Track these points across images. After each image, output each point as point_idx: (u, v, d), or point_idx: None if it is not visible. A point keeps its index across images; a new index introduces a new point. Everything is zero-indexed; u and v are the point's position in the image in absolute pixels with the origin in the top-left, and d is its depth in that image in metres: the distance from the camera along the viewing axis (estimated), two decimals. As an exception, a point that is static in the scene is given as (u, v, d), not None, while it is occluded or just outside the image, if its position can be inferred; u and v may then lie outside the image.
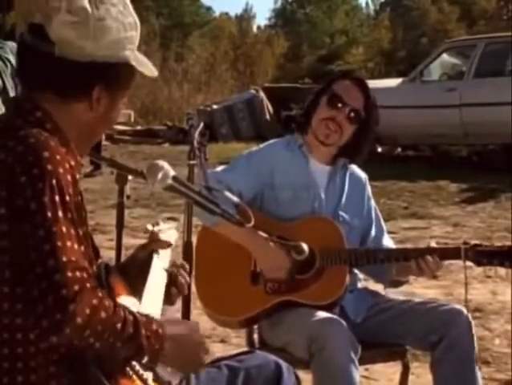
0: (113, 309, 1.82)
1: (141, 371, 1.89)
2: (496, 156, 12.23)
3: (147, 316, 1.93)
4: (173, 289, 2.29)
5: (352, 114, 3.24)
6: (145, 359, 1.88)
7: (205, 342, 2.04)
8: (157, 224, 2.39)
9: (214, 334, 4.88)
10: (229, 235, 3.13)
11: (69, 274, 1.76)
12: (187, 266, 2.36)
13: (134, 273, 2.22)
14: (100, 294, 1.82)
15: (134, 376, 1.88)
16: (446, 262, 3.18)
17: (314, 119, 3.28)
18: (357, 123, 3.25)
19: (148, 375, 1.91)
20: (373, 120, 3.30)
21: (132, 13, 2.03)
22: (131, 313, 1.87)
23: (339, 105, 3.23)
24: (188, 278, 2.33)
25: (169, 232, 2.39)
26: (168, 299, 2.28)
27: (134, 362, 1.88)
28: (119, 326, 1.81)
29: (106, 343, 1.80)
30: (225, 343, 4.80)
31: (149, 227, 2.36)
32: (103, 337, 1.79)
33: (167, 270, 2.27)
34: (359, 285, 3.35)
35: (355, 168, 3.43)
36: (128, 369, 1.87)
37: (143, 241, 2.36)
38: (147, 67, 2.06)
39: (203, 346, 2.02)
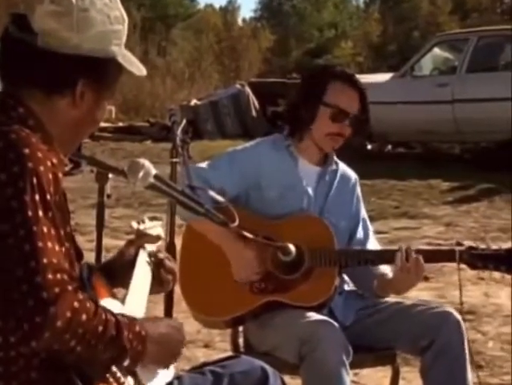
0: (94, 311, 1.83)
1: (122, 379, 1.89)
2: (489, 153, 12.27)
3: (129, 317, 1.93)
4: (163, 273, 2.30)
5: (354, 120, 3.25)
6: (127, 362, 1.89)
7: (185, 339, 2.08)
8: (143, 221, 2.39)
9: (198, 338, 4.88)
10: (205, 232, 3.14)
11: (49, 276, 1.77)
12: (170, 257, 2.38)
13: (121, 271, 2.24)
14: (81, 296, 1.83)
15: (114, 383, 1.88)
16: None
17: (317, 132, 3.27)
18: (356, 123, 3.27)
19: (129, 382, 1.91)
20: (367, 115, 3.30)
21: (119, 7, 2.04)
22: (112, 315, 1.88)
23: (343, 117, 3.23)
24: (174, 264, 2.35)
25: (155, 229, 2.39)
26: (160, 285, 2.30)
27: (114, 368, 1.88)
28: (100, 328, 1.83)
29: (87, 346, 1.81)
30: (210, 348, 4.81)
31: (134, 225, 2.36)
32: (84, 340, 1.80)
33: (152, 260, 2.28)
34: (348, 287, 3.36)
35: (345, 168, 3.44)
36: (107, 375, 1.88)
37: (124, 243, 2.37)
38: (135, 65, 2.06)
39: (182, 344, 2.06)
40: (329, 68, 3.44)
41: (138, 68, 2.08)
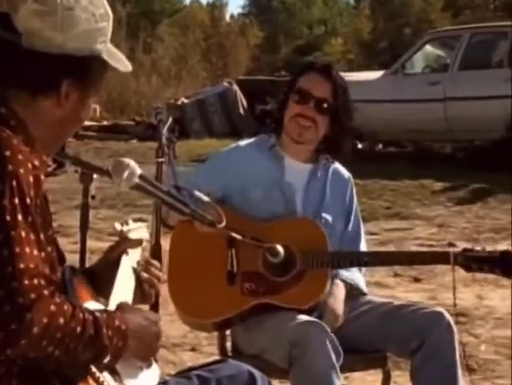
0: (72, 312, 1.83)
1: (97, 374, 1.89)
2: (482, 152, 12.29)
3: (108, 312, 1.94)
4: (145, 286, 2.30)
5: (321, 105, 3.25)
6: (107, 359, 1.90)
7: (161, 332, 2.08)
8: (126, 223, 2.38)
9: (185, 342, 4.88)
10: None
11: (26, 282, 1.78)
12: (155, 263, 2.36)
13: (104, 277, 2.23)
14: (58, 300, 1.83)
15: (90, 379, 1.88)
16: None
17: (285, 119, 3.30)
18: (329, 113, 3.26)
19: (105, 377, 1.91)
20: (344, 107, 3.29)
21: (104, 4, 2.04)
22: (91, 313, 1.88)
23: (306, 98, 3.25)
24: (158, 273, 2.34)
25: (139, 231, 2.38)
26: (142, 298, 2.30)
27: (92, 366, 1.88)
28: (78, 329, 1.83)
29: (66, 349, 1.82)
30: (197, 352, 4.80)
31: (118, 226, 2.35)
32: (62, 344, 1.81)
33: (135, 269, 2.28)
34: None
35: (339, 166, 3.44)
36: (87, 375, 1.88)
37: (109, 244, 2.36)
38: (120, 62, 2.06)
39: (159, 338, 2.06)
40: (310, 61, 3.49)
41: (123, 64, 2.08)
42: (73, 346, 1.82)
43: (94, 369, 1.89)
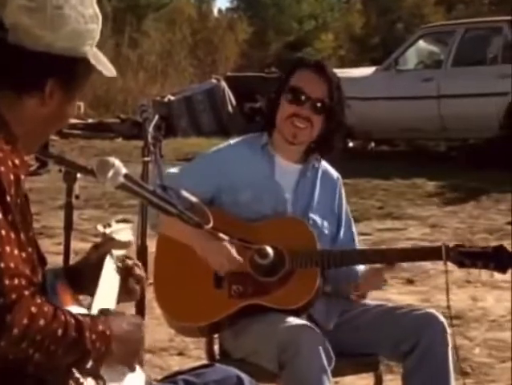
0: (53, 314, 1.83)
1: (81, 380, 1.89)
2: (477, 151, 12.31)
3: (92, 316, 1.94)
4: (131, 281, 2.30)
5: (317, 105, 3.24)
6: (89, 364, 1.89)
7: (144, 337, 2.08)
8: (109, 225, 2.38)
9: (172, 346, 4.88)
10: (176, 236, 3.13)
11: (6, 282, 1.78)
12: (139, 263, 2.37)
13: (87, 276, 2.23)
14: (39, 301, 1.83)
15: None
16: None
17: (278, 119, 3.29)
18: (324, 112, 3.26)
19: (90, 383, 1.90)
20: (339, 104, 3.29)
21: (94, 5, 2.04)
22: (73, 316, 1.88)
23: (302, 98, 3.24)
24: (143, 272, 2.34)
25: (123, 233, 2.38)
26: (128, 294, 2.30)
27: (74, 370, 1.88)
28: (60, 332, 1.83)
29: (46, 353, 1.82)
30: (184, 356, 4.80)
31: (100, 229, 2.35)
32: (42, 346, 1.81)
33: (121, 262, 2.27)
34: (328, 289, 3.36)
35: (327, 166, 3.45)
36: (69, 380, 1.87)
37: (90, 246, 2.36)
38: (106, 66, 2.07)
39: (142, 342, 2.05)
40: (302, 58, 3.49)
41: (108, 69, 2.08)
42: (54, 348, 1.82)
43: (77, 374, 1.88)
